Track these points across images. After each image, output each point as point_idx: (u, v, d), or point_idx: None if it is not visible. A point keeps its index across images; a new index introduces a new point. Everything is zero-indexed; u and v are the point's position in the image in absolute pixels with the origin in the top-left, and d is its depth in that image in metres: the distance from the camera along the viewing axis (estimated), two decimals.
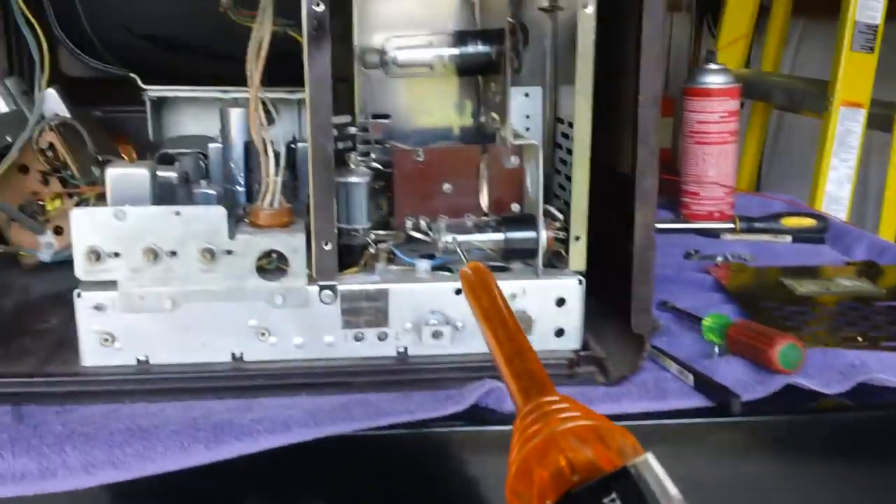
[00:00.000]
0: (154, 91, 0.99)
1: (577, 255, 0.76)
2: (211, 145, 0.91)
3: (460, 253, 0.70)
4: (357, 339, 0.73)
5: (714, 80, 1.17)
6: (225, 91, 1.00)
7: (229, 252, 0.69)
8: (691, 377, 0.73)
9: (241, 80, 0.99)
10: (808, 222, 1.15)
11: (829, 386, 0.72)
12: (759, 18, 2.14)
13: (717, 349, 0.79)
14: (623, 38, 0.74)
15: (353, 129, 0.84)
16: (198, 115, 1.05)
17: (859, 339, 0.81)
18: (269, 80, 0.72)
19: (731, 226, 1.15)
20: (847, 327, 0.84)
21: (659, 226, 1.17)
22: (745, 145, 2.15)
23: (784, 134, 2.43)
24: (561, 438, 0.37)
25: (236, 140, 0.86)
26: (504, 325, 0.50)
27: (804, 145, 2.29)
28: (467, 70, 0.79)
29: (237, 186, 0.87)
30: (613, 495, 0.33)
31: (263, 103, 0.73)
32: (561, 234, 0.76)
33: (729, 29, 2.07)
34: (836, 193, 1.65)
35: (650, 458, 0.34)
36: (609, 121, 0.76)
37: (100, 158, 0.94)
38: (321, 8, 0.67)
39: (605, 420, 0.38)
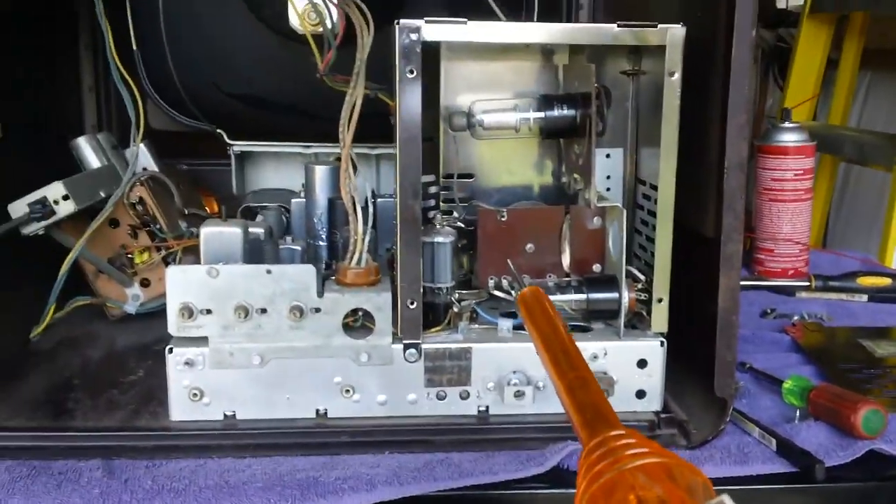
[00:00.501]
0: (239, 146, 1.02)
1: (660, 316, 0.76)
2: (294, 200, 0.93)
3: (517, 279, 0.69)
4: (439, 397, 0.74)
5: (790, 137, 1.16)
6: (307, 146, 1.03)
7: (317, 310, 0.71)
8: (774, 442, 0.72)
9: (321, 136, 1.03)
10: (884, 281, 1.13)
11: None
12: (826, 70, 2.12)
13: (798, 413, 0.78)
14: (707, 103, 0.74)
15: (436, 188, 0.85)
16: (278, 169, 1.08)
17: None
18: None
19: (807, 284, 1.13)
20: None
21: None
22: (813, 198, 2.12)
23: (851, 187, 2.39)
24: (630, 476, 0.36)
25: (320, 196, 0.88)
26: (566, 353, 0.49)
27: (871, 199, 2.25)
28: (552, 133, 0.80)
29: (320, 242, 0.89)
30: None
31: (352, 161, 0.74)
32: (643, 296, 0.76)
33: (797, 83, 2.05)
34: None
35: (727, 500, 0.33)
36: (691, 183, 0.76)
37: (186, 212, 0.97)
38: (413, 74, 0.69)
39: (674, 457, 0.37)
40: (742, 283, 1.15)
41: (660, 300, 0.75)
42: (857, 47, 2.10)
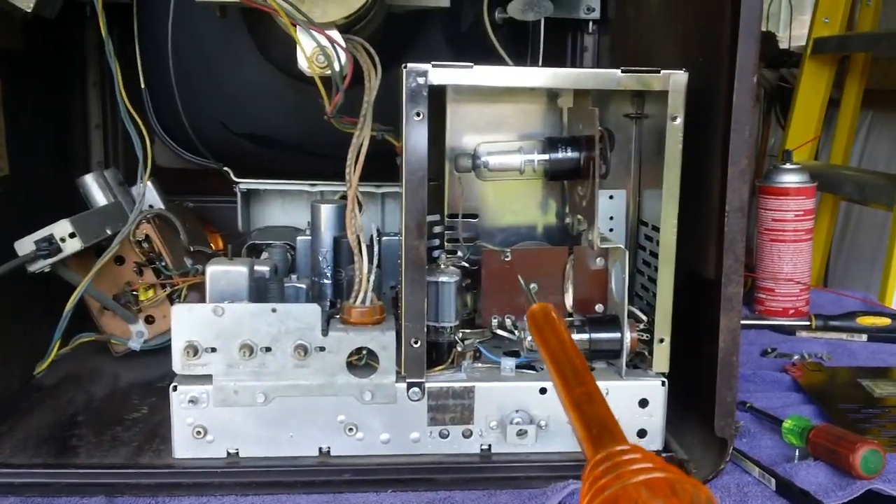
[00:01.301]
0: (245, 184, 1.03)
1: (661, 356, 0.76)
2: (300, 238, 0.94)
3: (527, 293, 0.68)
4: (442, 435, 0.74)
5: (791, 179, 1.18)
6: (313, 184, 1.05)
7: (322, 349, 0.71)
8: (773, 481, 0.72)
9: (327, 175, 1.04)
10: (884, 321, 1.14)
11: None
12: (827, 110, 2.14)
13: (797, 452, 0.78)
14: (709, 148, 0.75)
15: (440, 228, 0.86)
16: (284, 207, 1.09)
17: None
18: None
19: (807, 323, 1.13)
20: None
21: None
22: (814, 237, 2.13)
23: (851, 227, 2.40)
24: (633, 490, 0.36)
25: (325, 234, 0.89)
26: (573, 368, 0.49)
27: (872, 238, 2.26)
28: (556, 175, 0.81)
29: (325, 280, 0.89)
30: None
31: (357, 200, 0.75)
32: (644, 336, 0.77)
33: (799, 123, 2.07)
34: None
35: None
36: (692, 226, 0.77)
37: (191, 249, 0.98)
38: (420, 117, 0.70)
39: (678, 472, 0.37)
40: (743, 322, 1.16)
41: (661, 340, 0.76)
42: (859, 87, 2.12)
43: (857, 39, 1.91)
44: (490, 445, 0.74)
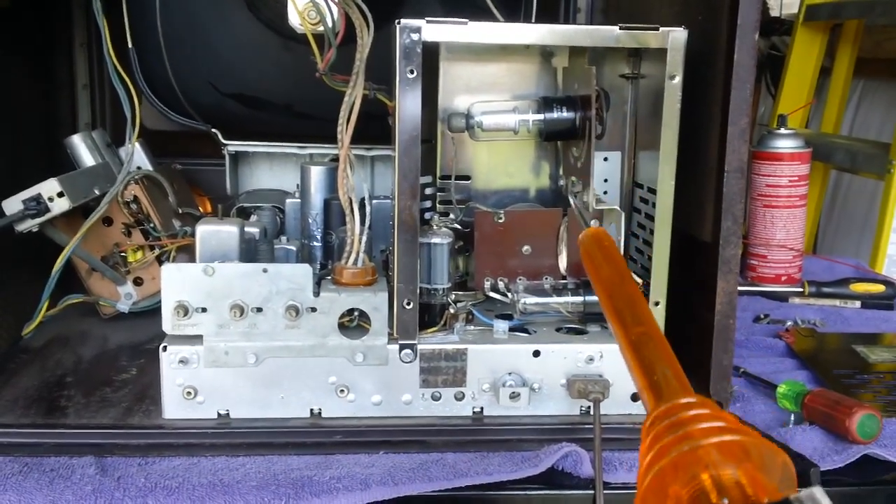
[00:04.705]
0: (234, 146, 1.02)
1: (657, 319, 0.75)
2: (289, 200, 0.93)
3: (579, 215, 0.60)
4: (434, 398, 0.73)
5: (785, 144, 1.17)
6: (302, 147, 1.03)
7: (313, 309, 0.70)
8: None
9: (316, 137, 1.02)
10: (877, 288, 1.14)
11: None
12: (819, 78, 2.13)
13: (792, 417, 0.78)
14: (707, 108, 0.74)
15: (432, 190, 0.85)
16: (273, 169, 1.08)
17: None
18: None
19: (800, 290, 1.13)
20: None
21: None
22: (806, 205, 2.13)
23: (841, 194, 2.40)
24: (704, 454, 0.32)
25: (315, 197, 0.88)
26: (630, 304, 0.44)
27: (862, 206, 2.26)
28: (551, 135, 0.79)
29: (314, 242, 0.88)
30: None
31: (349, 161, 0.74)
32: None
33: (790, 90, 2.06)
34: None
35: (817, 492, 0.31)
36: (689, 188, 0.76)
37: (180, 211, 0.97)
38: (413, 75, 0.69)
39: (752, 433, 0.33)
40: (739, 288, 1.16)
41: (657, 303, 0.75)
42: (851, 56, 2.11)
43: (849, 7, 1.90)
44: (482, 408, 0.74)
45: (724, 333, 0.72)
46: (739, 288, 1.16)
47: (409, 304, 0.72)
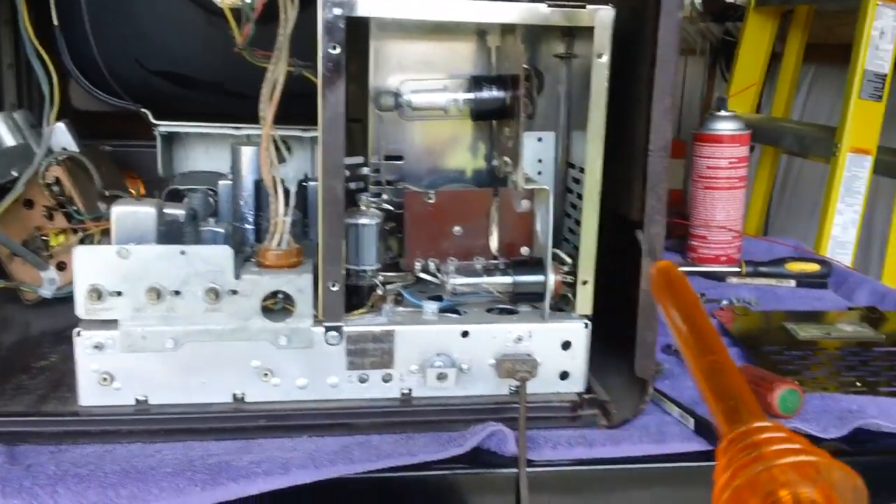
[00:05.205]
0: (165, 126, 0.99)
1: (584, 299, 0.75)
2: (221, 182, 0.91)
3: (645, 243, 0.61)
4: (361, 380, 0.72)
5: (725, 126, 1.17)
6: (238, 128, 1.01)
7: (234, 292, 0.69)
8: (692, 421, 0.72)
9: (253, 118, 0.99)
10: (812, 267, 1.15)
11: (826, 431, 0.72)
12: (770, 64, 2.15)
13: None
14: (635, 88, 0.74)
15: (365, 170, 0.84)
16: (209, 152, 1.05)
17: (858, 384, 0.81)
18: (283, 117, 0.72)
19: (737, 270, 1.14)
20: (847, 372, 0.84)
21: None
22: (753, 189, 2.16)
23: (792, 178, 2.43)
24: (781, 472, 0.35)
25: (247, 178, 0.86)
26: (701, 334, 0.46)
27: (812, 190, 2.29)
28: (482, 115, 0.78)
29: (246, 225, 0.86)
30: None
31: (275, 142, 0.73)
32: (569, 279, 0.76)
33: (741, 75, 2.08)
34: (841, 237, 1.65)
35: None
36: (620, 168, 0.76)
37: (107, 194, 0.94)
38: (337, 50, 0.67)
39: (825, 454, 0.36)
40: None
41: (585, 282, 0.75)
42: (801, 41, 2.13)
43: None
44: (410, 390, 0.73)
45: (648, 311, 0.72)
46: (684, 268, 1.18)
47: (334, 285, 0.71)
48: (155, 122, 0.98)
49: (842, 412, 0.74)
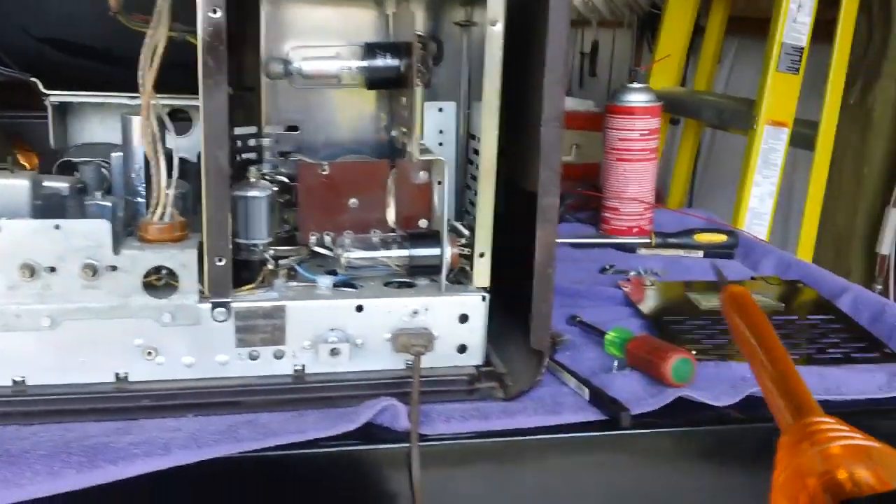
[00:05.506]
0: (56, 96, 0.95)
1: (481, 271, 0.74)
2: (113, 154, 0.87)
3: (718, 274, 0.65)
4: (252, 357, 0.71)
5: (636, 98, 1.17)
6: (133, 97, 0.97)
7: (114, 268, 0.66)
8: (587, 391, 0.73)
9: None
10: (720, 238, 1.16)
11: (718, 398, 0.72)
12: (695, 37, 2.17)
13: (616, 363, 0.79)
14: (531, 58, 0.73)
15: (258, 141, 0.81)
16: (105, 122, 1.01)
17: None
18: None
19: (647, 241, 1.15)
20: None
21: (575, 241, 1.17)
22: (677, 161, 2.18)
23: (716, 151, 2.46)
24: (837, 454, 0.39)
25: (138, 149, 0.83)
26: (772, 349, 0.51)
27: (735, 162, 2.32)
28: (376, 83, 0.77)
29: (139, 198, 0.83)
30: None
31: (160, 112, 0.70)
32: (466, 251, 0.75)
33: (664, 48, 2.09)
34: (759, 209, 1.67)
35: None
36: (518, 139, 0.75)
37: None
38: (218, 14, 0.65)
39: (879, 442, 0.39)
40: (585, 240, 1.18)
41: (482, 255, 0.74)
42: (724, 14, 2.15)
43: None
44: (304, 366, 0.72)
45: (543, 283, 0.72)
46: (589, 240, 1.18)
47: (220, 260, 0.68)
48: (45, 91, 0.94)
49: (735, 380, 0.75)
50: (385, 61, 0.75)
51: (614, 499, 0.71)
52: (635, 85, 1.18)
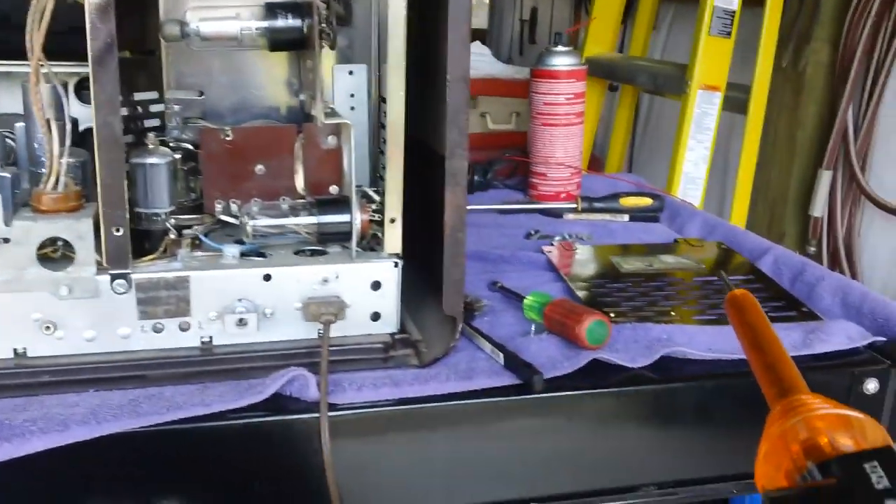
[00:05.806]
0: None
1: (393, 237, 0.73)
2: (17, 125, 0.84)
3: (724, 282, 0.65)
4: (156, 330, 0.69)
5: (561, 62, 1.17)
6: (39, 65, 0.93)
7: (6, 240, 0.64)
8: (502, 356, 0.72)
9: (53, 53, 0.93)
10: (645, 202, 1.17)
11: (634, 360, 0.72)
12: (632, 3, 2.16)
13: (533, 327, 0.79)
14: (436, 19, 0.71)
15: (165, 107, 0.79)
16: (11, 91, 0.97)
17: (672, 313, 0.82)
18: None
19: (574, 206, 1.15)
20: (664, 302, 0.85)
21: (501, 206, 1.17)
22: (614, 127, 2.18)
23: (655, 117, 2.47)
24: (817, 420, 0.42)
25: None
26: (767, 338, 0.53)
27: (673, 128, 2.34)
28: (279, 45, 0.75)
29: (42, 169, 0.80)
30: (875, 462, 0.38)
31: (52, 77, 0.67)
32: (377, 217, 0.74)
33: (601, 13, 2.08)
34: (692, 173, 1.68)
35: None
36: (429, 101, 0.73)
37: None
38: None
39: (859, 412, 0.43)
40: (511, 206, 1.17)
41: (392, 220, 0.73)
42: None
43: None
44: (211, 338, 0.70)
45: (454, 247, 0.71)
46: (515, 206, 1.18)
47: (118, 230, 0.66)
48: None
49: (651, 341, 0.75)
50: (286, 22, 0.73)
51: (529, 463, 0.71)
52: (560, 48, 1.17)
